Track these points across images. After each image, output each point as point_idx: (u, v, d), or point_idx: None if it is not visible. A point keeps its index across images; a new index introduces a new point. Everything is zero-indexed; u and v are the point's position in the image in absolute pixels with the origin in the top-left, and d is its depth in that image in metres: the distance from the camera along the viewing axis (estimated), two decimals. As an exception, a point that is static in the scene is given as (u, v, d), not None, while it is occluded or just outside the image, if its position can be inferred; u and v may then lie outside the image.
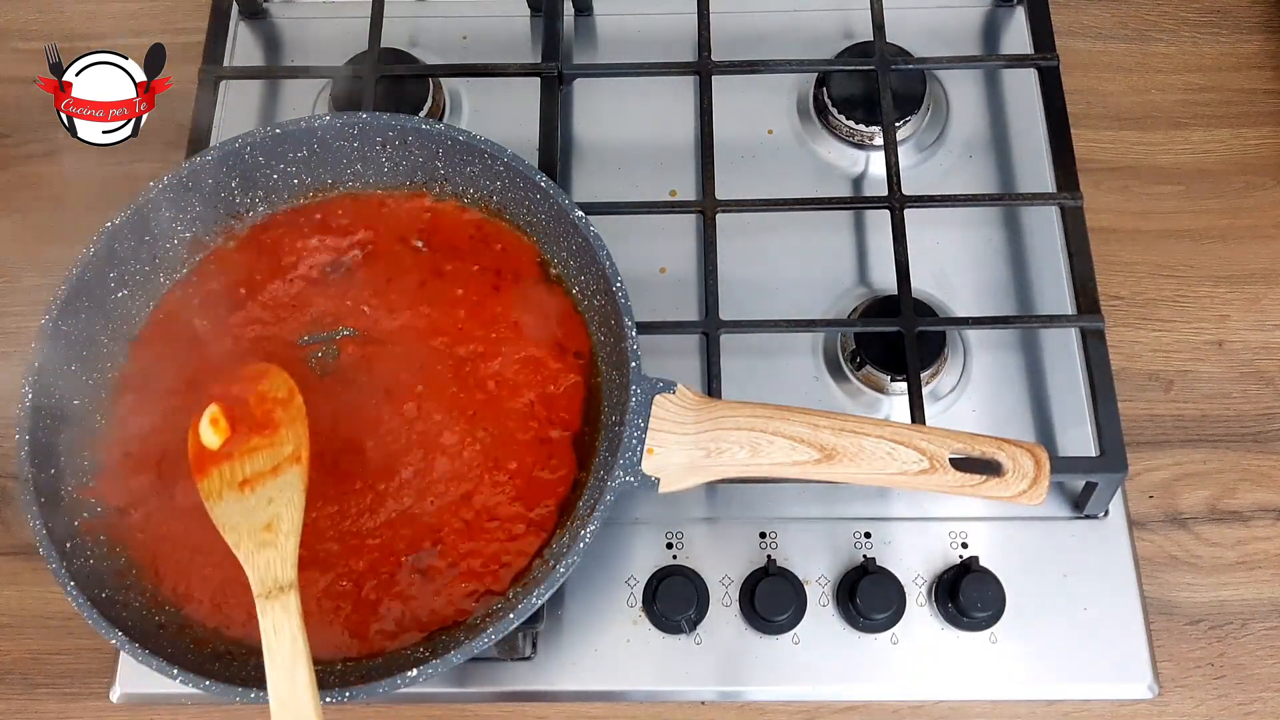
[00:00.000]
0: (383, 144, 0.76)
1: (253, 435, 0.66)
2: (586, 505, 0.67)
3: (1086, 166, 0.83)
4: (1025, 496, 0.63)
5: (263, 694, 0.60)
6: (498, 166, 0.74)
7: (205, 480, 0.66)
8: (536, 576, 0.66)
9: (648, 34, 0.92)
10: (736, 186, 0.83)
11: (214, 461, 0.66)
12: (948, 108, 0.89)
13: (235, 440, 0.67)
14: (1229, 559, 0.76)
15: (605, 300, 0.70)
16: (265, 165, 0.75)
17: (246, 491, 0.64)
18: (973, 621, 0.71)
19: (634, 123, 0.89)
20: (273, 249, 0.76)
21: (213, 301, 0.75)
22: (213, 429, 0.67)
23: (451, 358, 0.73)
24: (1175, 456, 0.79)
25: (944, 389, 0.79)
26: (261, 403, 0.68)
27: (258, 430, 0.67)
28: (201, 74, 0.85)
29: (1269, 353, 0.82)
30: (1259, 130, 0.90)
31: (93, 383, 0.71)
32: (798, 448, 0.65)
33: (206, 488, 0.65)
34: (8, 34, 0.97)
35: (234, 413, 0.67)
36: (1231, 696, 0.73)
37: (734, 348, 0.76)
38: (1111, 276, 0.84)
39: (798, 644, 0.72)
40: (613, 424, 0.68)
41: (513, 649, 0.72)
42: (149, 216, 0.73)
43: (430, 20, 0.94)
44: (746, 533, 0.75)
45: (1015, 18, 0.92)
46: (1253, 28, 0.94)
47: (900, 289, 0.76)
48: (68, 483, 0.68)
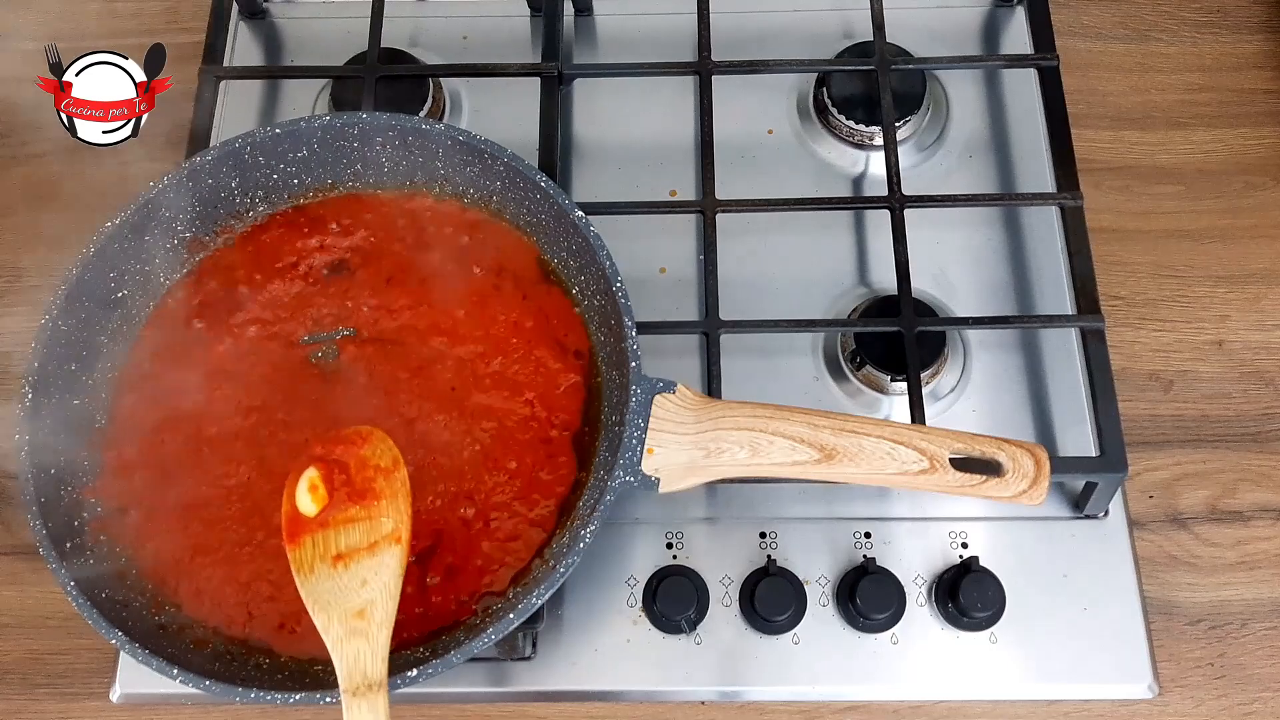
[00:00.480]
0: (383, 144, 0.76)
1: (351, 504, 0.62)
2: (586, 505, 0.67)
3: (1086, 166, 0.83)
4: (1025, 496, 0.63)
5: (263, 694, 0.60)
6: (498, 166, 0.74)
7: (298, 549, 0.61)
8: (536, 576, 0.66)
9: (648, 34, 0.92)
10: (736, 186, 0.83)
11: (308, 529, 0.62)
12: (948, 108, 0.89)
13: (332, 508, 0.62)
14: (1229, 559, 0.76)
15: (605, 300, 0.70)
16: (265, 165, 0.75)
17: (339, 567, 0.60)
18: (973, 621, 0.71)
19: (634, 123, 0.89)
20: (273, 249, 0.76)
21: (213, 301, 0.75)
22: (310, 495, 0.62)
23: (451, 358, 0.73)
24: (1175, 456, 0.79)
25: (944, 389, 0.79)
26: (362, 469, 0.63)
27: (357, 499, 0.62)
28: (201, 74, 0.85)
29: (1269, 353, 0.82)
30: (1259, 130, 0.90)
31: (93, 383, 0.71)
32: (798, 448, 0.65)
33: (298, 558, 0.61)
34: (8, 34, 0.97)
35: (332, 477, 0.63)
36: (1231, 696, 0.73)
37: (734, 348, 0.76)
38: (1111, 276, 0.84)
39: (798, 644, 0.72)
40: (613, 424, 0.68)
41: (513, 649, 0.72)
42: (149, 216, 0.73)
43: (430, 20, 0.94)
44: (746, 533, 0.75)
45: (1015, 18, 0.92)
46: (1253, 28, 0.94)
47: (900, 289, 0.76)
48: (68, 483, 0.68)
